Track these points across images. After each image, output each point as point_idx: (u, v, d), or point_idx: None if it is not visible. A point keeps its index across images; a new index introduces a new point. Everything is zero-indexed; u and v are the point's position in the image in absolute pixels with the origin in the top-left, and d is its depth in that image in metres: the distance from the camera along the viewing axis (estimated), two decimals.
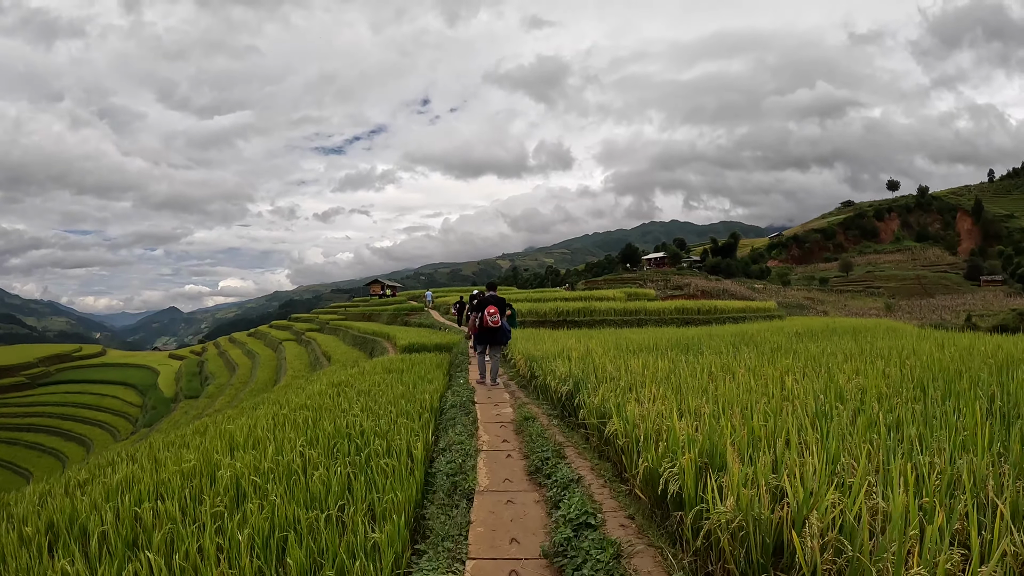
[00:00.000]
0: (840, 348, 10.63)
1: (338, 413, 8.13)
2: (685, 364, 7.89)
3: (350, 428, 7.02)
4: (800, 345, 11.91)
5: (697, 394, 5.55)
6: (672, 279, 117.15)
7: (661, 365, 7.50)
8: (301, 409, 8.73)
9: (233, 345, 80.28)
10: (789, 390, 5.58)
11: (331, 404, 8.86)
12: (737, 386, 5.85)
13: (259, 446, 6.62)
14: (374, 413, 7.95)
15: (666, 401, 5.14)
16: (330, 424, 7.28)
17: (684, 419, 4.37)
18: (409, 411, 8.00)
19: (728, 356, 9.25)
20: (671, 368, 7.41)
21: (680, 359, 8.64)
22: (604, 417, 5.38)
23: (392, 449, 6.13)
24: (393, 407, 8.20)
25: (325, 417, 7.84)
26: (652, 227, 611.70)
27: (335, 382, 11.75)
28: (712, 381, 6.38)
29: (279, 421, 8.12)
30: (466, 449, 5.82)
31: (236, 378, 55.78)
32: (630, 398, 5.43)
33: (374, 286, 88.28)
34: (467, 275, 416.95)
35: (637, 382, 6.43)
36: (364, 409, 8.24)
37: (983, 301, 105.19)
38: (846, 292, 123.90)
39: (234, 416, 10.96)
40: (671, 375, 6.93)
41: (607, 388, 6.02)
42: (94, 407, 65.36)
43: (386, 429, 6.92)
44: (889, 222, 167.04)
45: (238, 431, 7.59)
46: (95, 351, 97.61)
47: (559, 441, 5.80)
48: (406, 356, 16.12)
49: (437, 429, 7.40)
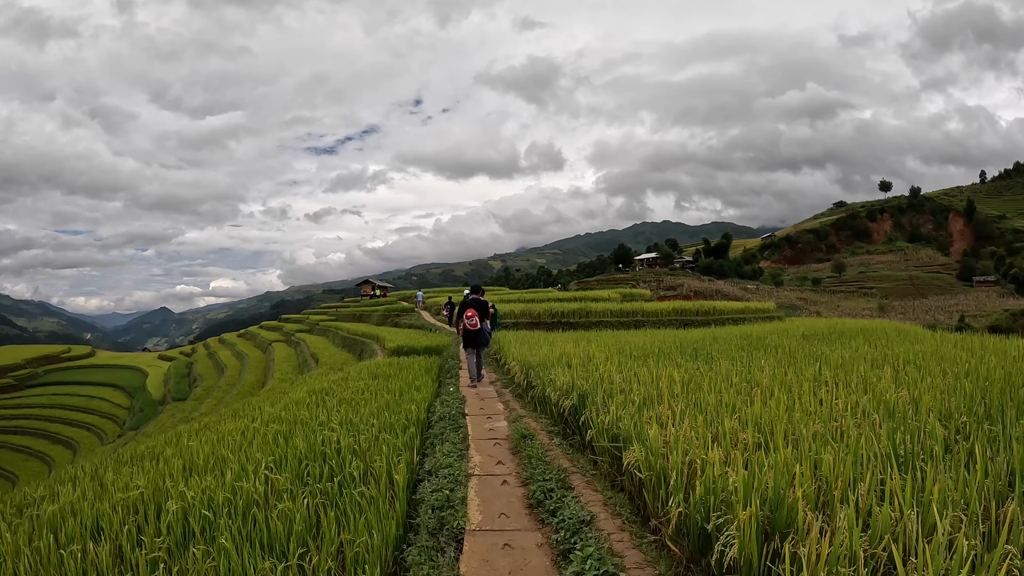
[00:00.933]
0: (859, 353, 9.88)
1: (314, 427, 7.31)
2: (699, 373, 7.11)
3: (326, 445, 6.21)
4: (813, 349, 11.17)
5: (727, 412, 4.78)
6: (665, 280, 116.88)
7: (675, 375, 6.71)
8: (274, 422, 7.90)
9: (223, 346, 79.05)
10: (834, 408, 4.81)
11: (308, 416, 8.03)
12: (772, 403, 5.07)
13: (219, 468, 5.79)
14: (354, 427, 7.14)
15: (692, 422, 4.36)
16: (304, 441, 6.47)
17: (720, 447, 3.61)
18: (393, 424, 7.20)
19: (743, 363, 8.49)
20: (687, 378, 6.63)
21: (692, 366, 7.87)
22: (617, 440, 4.59)
23: (371, 472, 5.33)
24: (376, 420, 7.39)
25: (299, 432, 7.03)
26: (644, 228, 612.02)
27: (316, 389, 10.91)
28: (737, 394, 5.61)
29: (248, 436, 7.30)
30: (455, 474, 5.01)
31: (224, 380, 54.72)
32: (648, 417, 4.65)
33: (365, 286, 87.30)
34: (459, 276, 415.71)
35: (652, 396, 5.65)
36: (343, 422, 7.42)
37: (976, 302, 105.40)
38: (839, 293, 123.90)
39: (210, 426, 10.11)
40: (688, 387, 6.15)
41: (618, 404, 5.22)
42: (82, 409, 64.15)
43: (366, 447, 6.12)
44: (881, 223, 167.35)
45: (199, 449, 6.76)
46: (84, 352, 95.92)
47: (563, 466, 4.96)
48: (394, 360, 15.28)
49: (424, 446, 6.60)
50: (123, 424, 57.48)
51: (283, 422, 7.80)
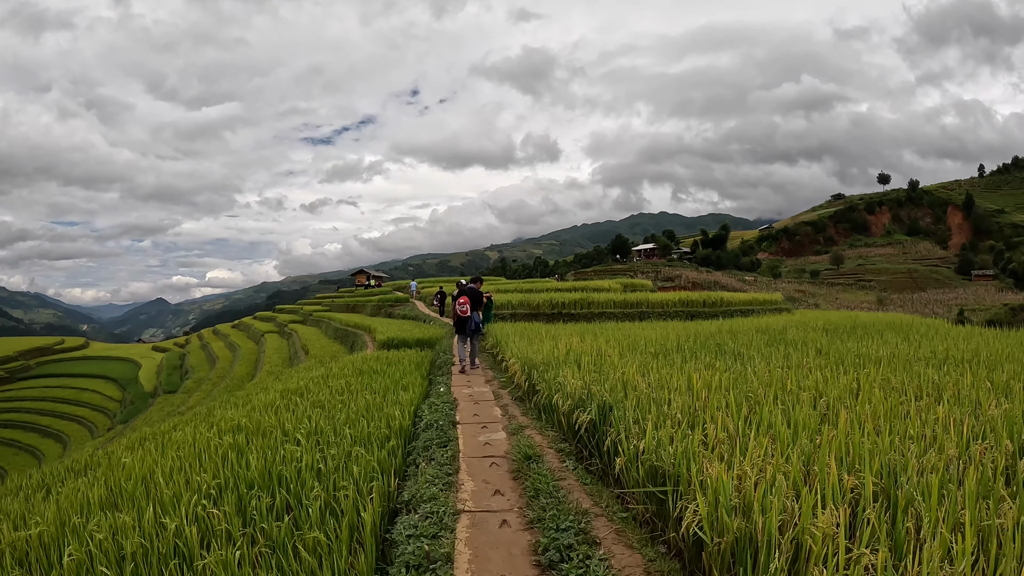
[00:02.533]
0: (900, 351, 8.75)
1: (277, 438, 6.16)
2: (738, 376, 5.95)
3: (283, 465, 5.06)
4: (846, 345, 10.05)
5: (805, 436, 3.62)
6: (662, 271, 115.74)
7: (710, 378, 5.54)
8: (231, 432, 6.73)
9: (216, 337, 77.87)
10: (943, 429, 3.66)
11: (272, 423, 6.87)
12: (855, 420, 3.93)
13: (145, 497, 4.64)
14: (324, 438, 5.99)
15: (765, 453, 3.22)
16: (259, 458, 5.31)
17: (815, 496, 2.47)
18: (371, 435, 6.05)
19: (779, 361, 7.35)
20: (726, 383, 5.46)
21: (723, 366, 6.73)
22: (659, 474, 3.44)
23: (333, 506, 4.20)
24: (351, 429, 6.24)
25: (257, 445, 5.87)
26: (641, 219, 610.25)
27: (290, 389, 9.71)
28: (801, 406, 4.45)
29: (196, 449, 6.13)
30: (440, 511, 3.86)
31: (215, 372, 53.68)
32: (697, 441, 3.51)
33: (359, 276, 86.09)
34: (455, 266, 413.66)
35: (694, 409, 4.49)
36: (312, 432, 6.26)
37: (975, 296, 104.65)
38: (837, 285, 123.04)
39: (160, 434, 8.93)
40: (734, 395, 4.96)
41: (654, 419, 4.05)
42: (73, 402, 63.04)
43: (332, 468, 4.98)
44: (880, 216, 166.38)
45: (133, 468, 5.61)
46: (77, 344, 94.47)
47: (582, 505, 3.74)
48: (383, 354, 14.10)
49: (406, 463, 5.46)
50: (114, 417, 56.47)
51: (242, 431, 6.62)
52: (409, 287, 51.79)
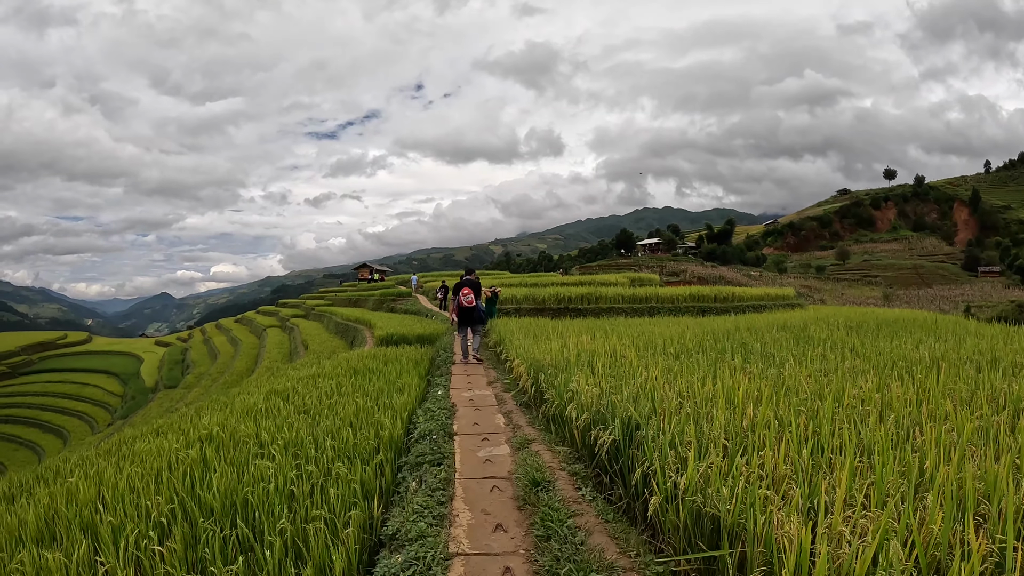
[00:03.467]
0: (938, 353, 7.97)
1: (251, 451, 5.44)
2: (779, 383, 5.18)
3: (249, 487, 4.34)
4: (873, 345, 9.28)
5: (894, 466, 2.88)
6: (667, 265, 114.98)
7: (751, 387, 4.77)
8: (202, 441, 6.01)
9: (219, 332, 77.53)
10: None
11: (249, 432, 6.14)
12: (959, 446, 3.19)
13: (80, 529, 3.93)
14: (304, 451, 5.27)
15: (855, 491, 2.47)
16: (225, 476, 4.59)
17: None
18: (358, 447, 5.33)
19: (816, 364, 6.58)
20: (766, 392, 4.69)
21: (756, 370, 5.97)
22: (707, 521, 2.70)
23: (300, 546, 3.48)
24: (334, 440, 5.52)
25: (226, 459, 5.15)
26: (645, 213, 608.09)
27: (276, 391, 8.98)
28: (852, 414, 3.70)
29: (159, 463, 5.41)
30: (428, 555, 3.12)
31: (215, 367, 53.31)
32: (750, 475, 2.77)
33: (362, 270, 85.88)
34: (459, 260, 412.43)
35: (742, 429, 3.74)
36: (291, 443, 5.53)
37: (981, 292, 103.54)
38: (843, 281, 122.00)
39: (124, 444, 8.21)
40: (783, 407, 4.20)
41: (693, 441, 3.28)
42: (74, 397, 62.80)
43: (307, 490, 4.27)
44: (886, 211, 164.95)
45: (79, 488, 4.89)
46: (80, 338, 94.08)
47: (607, 556, 2.90)
48: (380, 351, 13.38)
49: (395, 482, 4.73)
50: (114, 412, 56.17)
51: (213, 441, 5.91)
52: (410, 281, 51.60)
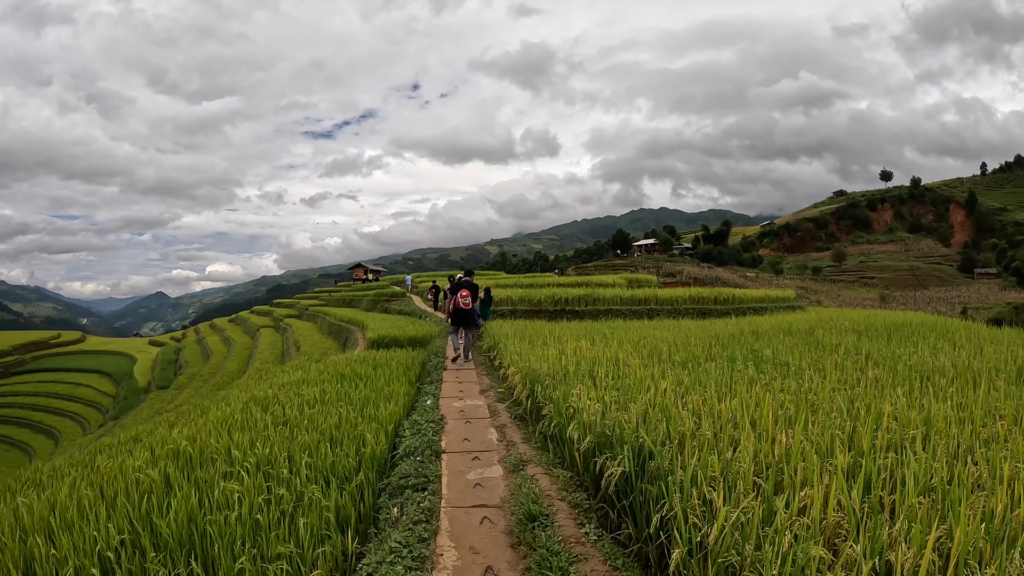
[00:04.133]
0: (961, 360, 7.51)
1: (219, 470, 4.93)
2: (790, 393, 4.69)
3: (210, 515, 3.85)
4: (887, 351, 8.81)
5: (965, 510, 2.40)
6: (664, 266, 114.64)
7: (770, 401, 4.26)
8: (166, 458, 5.49)
9: (213, 331, 76.80)
10: None
11: (220, 447, 5.62)
12: None
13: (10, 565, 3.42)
14: (277, 470, 4.77)
15: None
16: (185, 502, 4.09)
17: None
18: (335, 466, 4.82)
19: (836, 374, 6.10)
20: (787, 404, 4.17)
21: (774, 382, 5.47)
22: None
23: None
24: (311, 457, 5.01)
25: (189, 480, 4.64)
26: (641, 214, 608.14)
27: (256, 399, 8.44)
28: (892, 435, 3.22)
29: (118, 484, 4.89)
30: None
31: (207, 368, 52.69)
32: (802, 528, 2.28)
33: (357, 270, 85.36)
34: (455, 260, 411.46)
35: (774, 457, 3.23)
36: (264, 461, 5.03)
37: (978, 294, 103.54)
38: (840, 282, 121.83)
39: (87, 461, 7.66)
40: (817, 430, 3.67)
41: (718, 477, 2.79)
42: (66, 397, 61.98)
43: (275, 519, 3.77)
44: (882, 212, 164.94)
45: (32, 510, 4.37)
46: (73, 338, 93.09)
47: None
48: (370, 355, 12.85)
49: (374, 509, 4.23)
50: (106, 413, 55.55)
51: (180, 458, 5.40)
52: (405, 281, 51.42)
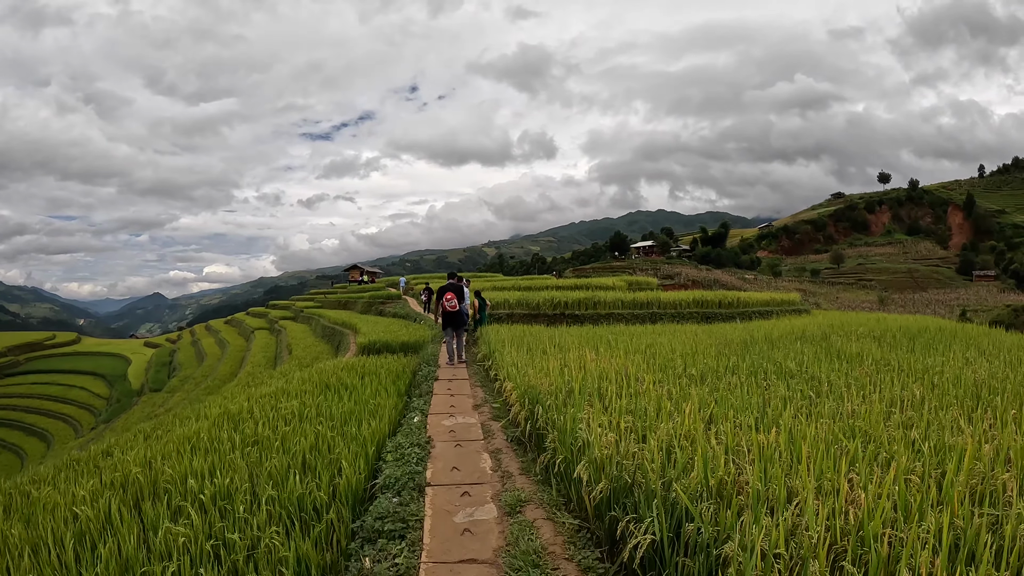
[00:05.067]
0: (1004, 372, 6.86)
1: (172, 503, 4.25)
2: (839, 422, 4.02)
3: (147, 565, 3.17)
4: (916, 361, 8.16)
5: None
6: (662, 268, 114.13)
7: (820, 437, 3.56)
8: (114, 487, 4.80)
9: (208, 333, 76.13)
10: None
11: (177, 475, 4.92)
12: None
13: None
14: (235, 505, 4.09)
15: None
16: (119, 547, 3.41)
17: None
18: (303, 500, 4.15)
19: (880, 393, 5.44)
20: (842, 440, 3.49)
21: (804, 403, 4.80)
22: None
23: None
24: (279, 487, 4.34)
25: (128, 520, 3.96)
26: (639, 216, 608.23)
27: (230, 413, 7.71)
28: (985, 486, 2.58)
29: (47, 526, 4.19)
30: None
31: (200, 371, 52.02)
32: None
33: (353, 272, 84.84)
34: (453, 262, 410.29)
35: (851, 522, 2.54)
36: (222, 494, 4.34)
37: (976, 296, 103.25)
38: (838, 284, 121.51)
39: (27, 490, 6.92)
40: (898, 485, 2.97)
41: (780, 542, 2.12)
42: (60, 399, 61.36)
43: (227, 573, 3.10)
44: (880, 215, 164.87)
45: None
46: (68, 339, 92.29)
47: None
48: (359, 362, 12.14)
49: (344, 557, 3.55)
50: (99, 415, 54.85)
51: (130, 488, 4.70)
52: (399, 283, 51.23)
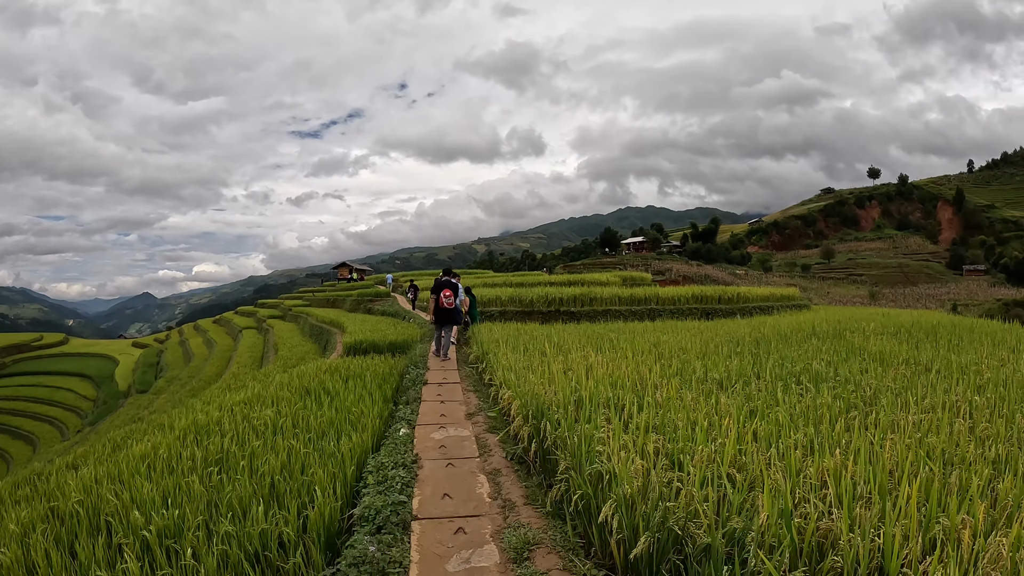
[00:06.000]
0: None
1: (105, 544, 3.54)
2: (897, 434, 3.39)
3: None
4: (947, 360, 7.54)
5: None
6: (653, 264, 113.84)
7: (885, 457, 2.93)
8: (50, 519, 4.07)
9: (196, 333, 75.10)
10: None
11: (120, 505, 4.19)
12: None
13: None
14: (184, 546, 3.39)
15: None
16: None
17: None
18: (264, 536, 3.46)
19: (923, 399, 4.81)
20: (923, 468, 2.84)
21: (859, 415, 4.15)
22: None
23: None
24: (239, 522, 3.64)
25: (55, 566, 3.25)
26: (628, 212, 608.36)
27: (197, 424, 6.94)
28: None
29: None
30: None
31: (186, 371, 51.13)
32: None
33: (342, 269, 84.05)
34: (442, 259, 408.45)
35: None
36: (171, 531, 3.63)
37: (967, 291, 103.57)
38: (828, 279, 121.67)
39: None
40: None
41: None
42: (46, 401, 60.16)
43: None
44: (870, 210, 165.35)
45: None
46: (56, 340, 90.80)
47: None
48: (345, 362, 11.41)
49: None
50: (85, 417, 53.86)
51: (66, 521, 3.98)
52: (386, 280, 50.88)
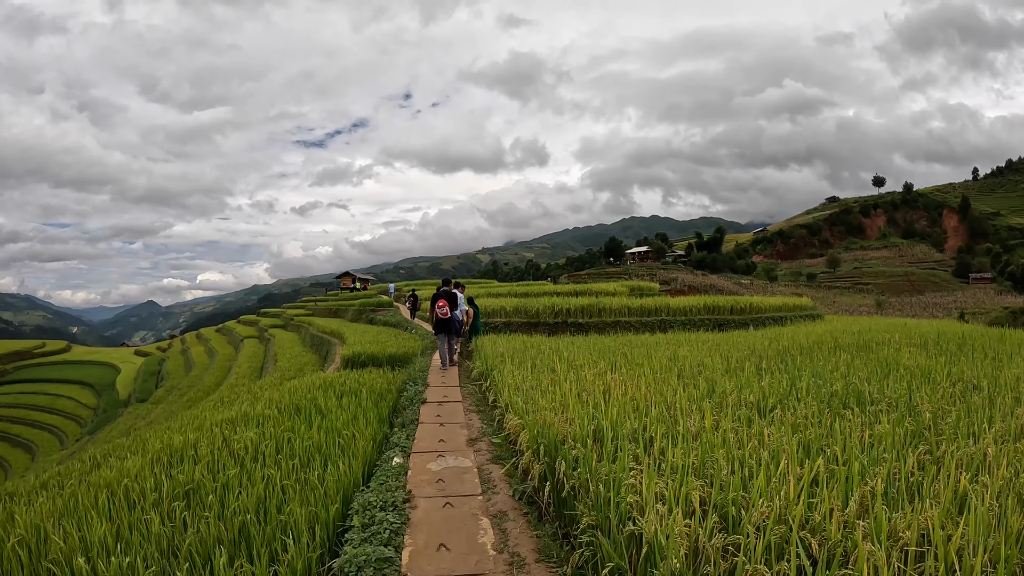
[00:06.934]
0: None
1: None
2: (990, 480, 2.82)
3: None
4: (986, 374, 6.93)
5: None
6: (658, 274, 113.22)
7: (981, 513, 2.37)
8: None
9: (198, 342, 74.91)
10: None
11: (70, 546, 3.62)
12: None
13: None
14: None
15: None
16: None
17: None
18: None
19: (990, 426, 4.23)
20: None
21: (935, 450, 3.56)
22: None
23: None
24: (201, 571, 3.06)
25: None
26: (632, 222, 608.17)
27: (172, 447, 6.38)
28: None
29: None
30: None
31: (186, 381, 50.72)
32: None
33: (345, 279, 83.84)
34: (446, 269, 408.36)
35: None
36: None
37: (974, 299, 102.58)
38: (834, 288, 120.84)
39: None
40: None
41: None
42: (46, 409, 60.07)
43: None
44: (875, 218, 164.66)
45: None
46: (58, 347, 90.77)
47: None
48: (342, 376, 10.82)
49: None
50: (85, 426, 53.49)
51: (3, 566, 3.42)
52: (388, 290, 50.58)
